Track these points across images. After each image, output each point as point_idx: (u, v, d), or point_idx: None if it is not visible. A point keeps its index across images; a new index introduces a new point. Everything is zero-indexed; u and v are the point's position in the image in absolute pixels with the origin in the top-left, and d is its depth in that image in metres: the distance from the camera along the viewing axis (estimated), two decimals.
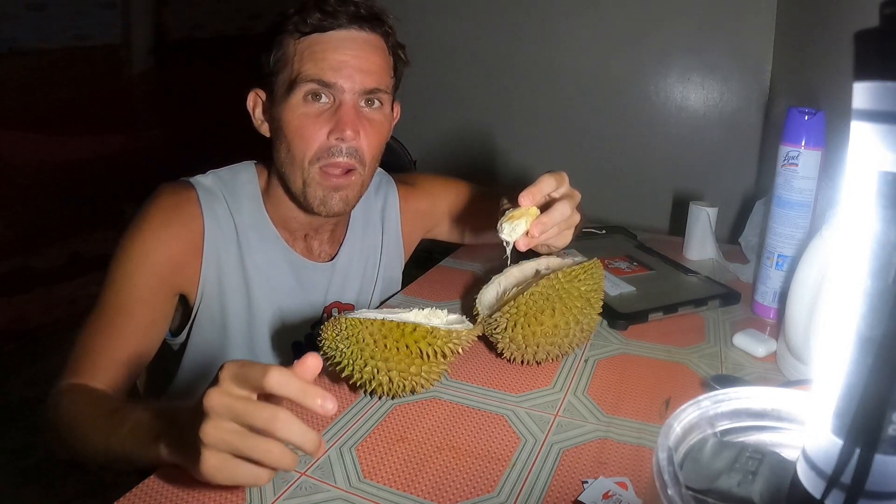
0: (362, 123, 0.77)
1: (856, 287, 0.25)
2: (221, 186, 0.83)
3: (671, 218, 1.94)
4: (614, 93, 2.02)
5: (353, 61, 0.75)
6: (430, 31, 2.16)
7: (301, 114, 0.75)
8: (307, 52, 0.75)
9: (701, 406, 0.35)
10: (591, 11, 1.98)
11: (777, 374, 0.72)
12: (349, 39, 0.76)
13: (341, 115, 0.75)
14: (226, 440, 0.44)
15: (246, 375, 0.44)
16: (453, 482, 0.53)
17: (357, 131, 0.76)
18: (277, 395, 0.44)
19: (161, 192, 0.80)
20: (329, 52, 0.75)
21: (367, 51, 0.77)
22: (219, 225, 0.81)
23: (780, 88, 1.74)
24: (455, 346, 0.62)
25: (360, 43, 0.76)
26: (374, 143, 0.79)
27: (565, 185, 0.71)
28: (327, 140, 0.75)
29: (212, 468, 0.45)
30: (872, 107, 0.23)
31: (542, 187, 0.68)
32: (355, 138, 0.76)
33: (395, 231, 1.00)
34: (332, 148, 0.76)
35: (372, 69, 0.77)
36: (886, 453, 0.25)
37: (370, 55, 0.77)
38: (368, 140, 0.78)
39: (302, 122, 0.75)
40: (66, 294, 2.59)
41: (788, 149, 0.82)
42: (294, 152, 0.77)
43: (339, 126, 0.75)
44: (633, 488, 0.52)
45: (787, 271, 0.83)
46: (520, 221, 0.66)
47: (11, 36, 2.77)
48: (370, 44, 0.77)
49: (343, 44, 0.75)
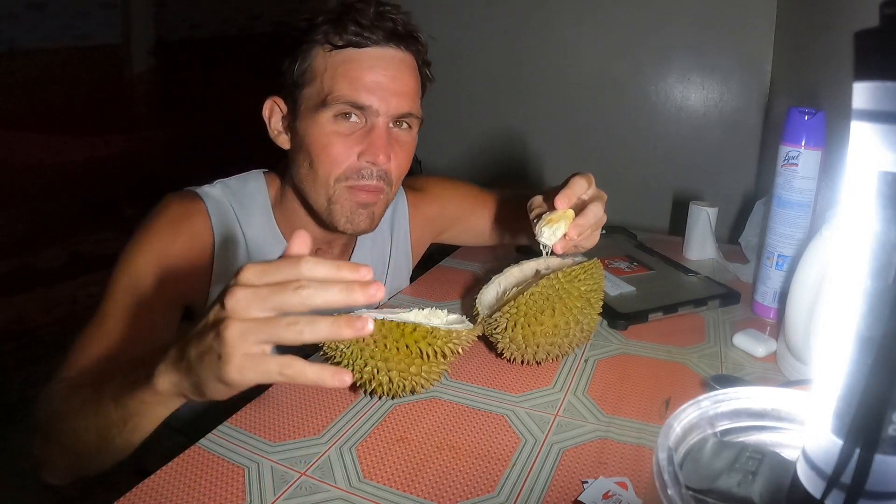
0: (393, 147, 0.75)
1: (856, 287, 0.25)
2: (230, 197, 0.81)
3: (671, 218, 1.94)
4: (614, 93, 2.02)
5: (388, 83, 0.72)
6: (435, 34, 2.17)
7: (330, 132, 0.73)
8: (341, 68, 0.72)
9: (701, 406, 0.35)
10: (590, 12, 1.98)
11: (777, 374, 0.72)
12: (386, 59, 0.73)
13: (374, 139, 0.73)
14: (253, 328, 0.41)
15: (272, 271, 0.42)
16: (453, 482, 0.53)
17: (388, 156, 0.74)
18: (311, 279, 0.42)
19: (169, 203, 0.78)
20: (365, 71, 0.72)
21: (402, 72, 0.74)
22: (228, 237, 0.79)
23: (780, 88, 1.74)
24: (455, 346, 0.62)
25: (397, 63, 0.74)
26: (403, 165, 0.78)
27: (594, 187, 0.72)
28: (357, 161, 0.73)
29: (237, 367, 0.42)
30: (872, 107, 0.23)
31: (575, 189, 0.69)
32: (386, 163, 0.74)
33: (405, 239, 0.99)
34: (362, 170, 0.74)
35: (406, 91, 0.74)
36: (886, 453, 0.25)
37: (405, 77, 0.74)
38: (398, 162, 0.76)
39: (331, 140, 0.73)
40: (66, 294, 2.59)
41: (788, 149, 0.82)
42: (318, 170, 0.74)
43: (373, 150, 0.73)
44: (633, 488, 0.52)
45: (787, 271, 0.83)
46: (559, 225, 0.67)
47: (11, 36, 2.77)
48: (405, 64, 0.75)
49: (379, 63, 0.72)
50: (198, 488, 0.52)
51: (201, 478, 0.53)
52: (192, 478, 0.53)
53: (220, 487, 0.52)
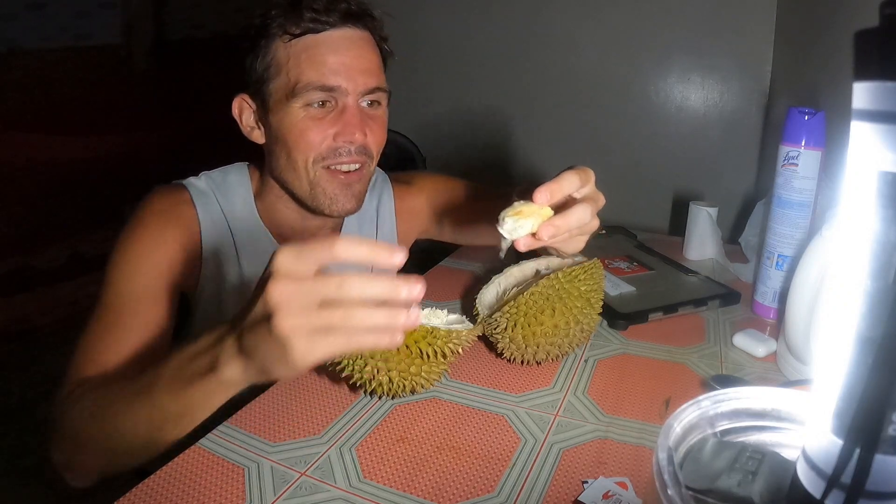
0: (367, 122, 0.77)
1: (856, 287, 0.25)
2: (214, 188, 0.83)
3: (671, 218, 1.94)
4: (614, 93, 2.02)
5: (352, 62, 0.74)
6: (437, 33, 2.17)
7: (304, 118, 0.74)
8: (303, 55, 0.73)
9: (701, 406, 0.35)
10: (591, 12, 1.98)
11: (777, 374, 0.72)
12: (346, 39, 0.75)
13: (347, 119, 0.74)
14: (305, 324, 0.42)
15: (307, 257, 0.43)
16: (453, 482, 0.53)
17: (364, 132, 0.76)
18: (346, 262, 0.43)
19: (155, 194, 0.80)
20: (327, 54, 0.73)
21: (363, 49, 0.76)
22: (214, 225, 0.81)
23: (780, 88, 1.74)
24: (455, 346, 0.62)
25: (357, 41, 0.76)
26: (380, 138, 0.80)
27: (590, 186, 0.62)
28: (334, 142, 0.75)
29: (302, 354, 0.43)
30: (872, 107, 0.23)
31: (563, 185, 0.58)
32: (363, 139, 0.76)
33: (390, 230, 0.99)
34: (339, 149, 0.75)
35: (370, 68, 0.76)
36: (886, 453, 0.25)
37: (367, 54, 0.77)
38: (375, 136, 0.78)
39: (306, 125, 0.74)
40: (67, 294, 2.59)
41: (788, 149, 0.82)
42: (297, 157, 0.76)
43: (348, 130, 0.74)
44: (633, 488, 0.52)
45: (787, 271, 0.83)
46: (527, 220, 0.56)
47: (11, 36, 2.77)
48: (365, 41, 0.77)
49: (340, 44, 0.74)
50: (198, 488, 0.52)
51: (201, 478, 0.53)
52: (192, 478, 0.53)
53: (220, 487, 0.52)
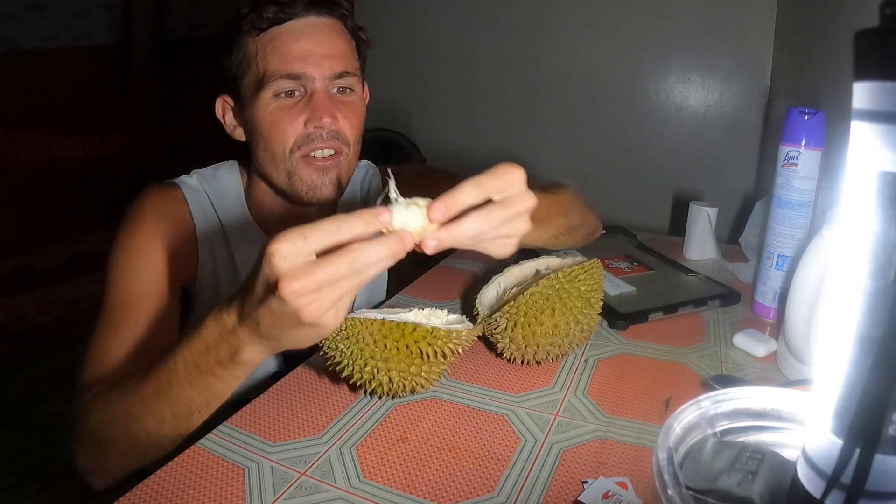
0: (338, 107, 0.76)
1: (856, 287, 0.25)
2: (205, 185, 0.84)
3: (671, 218, 1.94)
4: (614, 93, 2.02)
5: (317, 48, 0.74)
6: (438, 35, 2.18)
7: (274, 108, 0.75)
8: (269, 47, 0.74)
9: (701, 406, 0.35)
10: (590, 12, 1.98)
11: (777, 374, 0.72)
12: (309, 27, 0.75)
13: (315, 103, 0.74)
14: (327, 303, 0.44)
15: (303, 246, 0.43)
16: (453, 482, 0.53)
17: (334, 116, 0.75)
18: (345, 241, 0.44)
19: (148, 192, 0.81)
20: (291, 43, 0.74)
21: (329, 35, 0.76)
22: (207, 221, 0.82)
23: (780, 88, 1.74)
24: (455, 346, 0.61)
25: (321, 28, 0.76)
26: (355, 124, 0.79)
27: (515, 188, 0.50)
28: (305, 129, 0.75)
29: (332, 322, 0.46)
30: (872, 107, 0.23)
31: (458, 199, 0.47)
32: (334, 123, 0.75)
33: None
34: (310, 135, 0.75)
35: (337, 53, 0.76)
36: (886, 453, 0.25)
37: (333, 40, 0.76)
38: (348, 121, 0.77)
39: (276, 115, 0.75)
40: (66, 294, 2.59)
41: (788, 149, 0.82)
42: (272, 147, 0.76)
43: (316, 114, 0.74)
44: (633, 488, 0.52)
45: (787, 271, 0.83)
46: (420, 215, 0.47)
47: (11, 36, 2.77)
48: (331, 28, 0.77)
49: (304, 32, 0.74)
50: (198, 488, 0.52)
51: (201, 478, 0.53)
52: (192, 478, 0.53)
53: (220, 487, 0.52)
